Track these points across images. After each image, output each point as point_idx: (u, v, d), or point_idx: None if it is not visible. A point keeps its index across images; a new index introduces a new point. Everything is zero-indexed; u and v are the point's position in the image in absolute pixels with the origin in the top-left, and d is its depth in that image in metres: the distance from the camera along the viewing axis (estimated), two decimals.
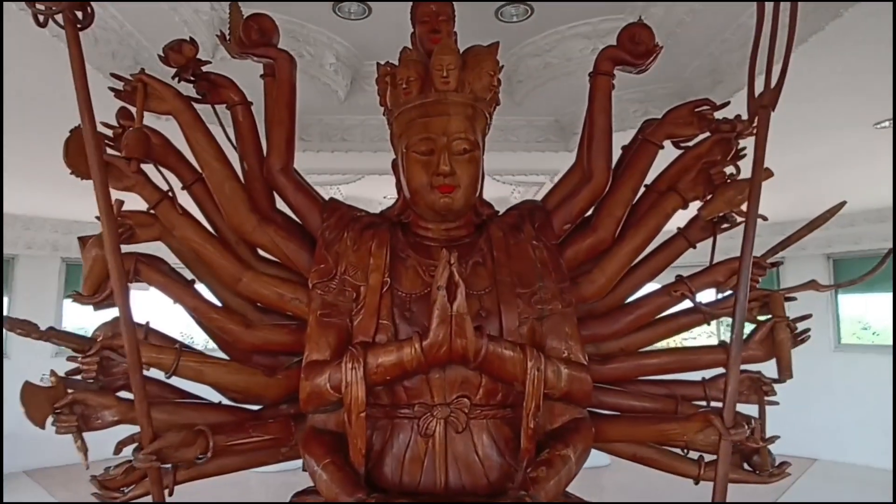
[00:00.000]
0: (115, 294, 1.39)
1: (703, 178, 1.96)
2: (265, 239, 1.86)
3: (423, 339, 1.55)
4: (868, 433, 7.57)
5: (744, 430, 1.61)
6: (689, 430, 1.67)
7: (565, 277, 1.83)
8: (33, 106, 3.54)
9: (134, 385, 1.45)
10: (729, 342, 1.65)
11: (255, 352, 1.89)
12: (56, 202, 6.66)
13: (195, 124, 1.84)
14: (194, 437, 1.54)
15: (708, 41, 2.98)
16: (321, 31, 2.99)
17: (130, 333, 1.41)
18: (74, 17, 1.39)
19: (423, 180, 1.77)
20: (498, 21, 2.96)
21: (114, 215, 1.43)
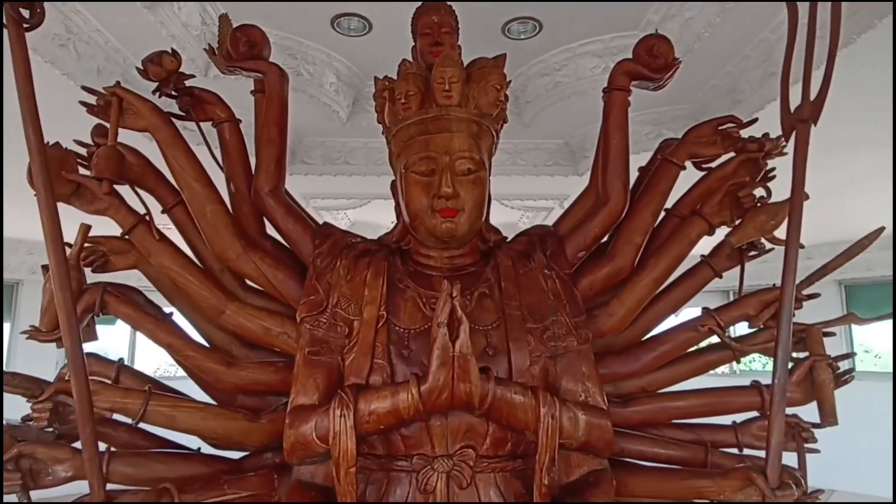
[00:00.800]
0: (62, 333, 1.19)
1: (730, 202, 1.79)
2: (250, 267, 1.68)
3: (421, 383, 1.35)
4: (886, 465, 7.25)
5: (792, 491, 1.38)
6: (726, 488, 1.45)
7: (581, 311, 1.64)
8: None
9: (83, 438, 1.25)
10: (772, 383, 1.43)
11: (239, 392, 1.70)
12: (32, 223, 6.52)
13: (175, 142, 1.67)
14: (157, 497, 1.33)
15: (726, 59, 2.81)
16: (320, 49, 2.84)
17: (80, 378, 1.20)
18: (20, 15, 1.22)
19: (424, 203, 1.60)
20: (505, 38, 2.80)
21: (61, 243, 1.24)
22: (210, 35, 2.42)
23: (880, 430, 7.42)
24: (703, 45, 2.59)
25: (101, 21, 2.39)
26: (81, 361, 1.20)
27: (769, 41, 2.51)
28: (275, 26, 2.55)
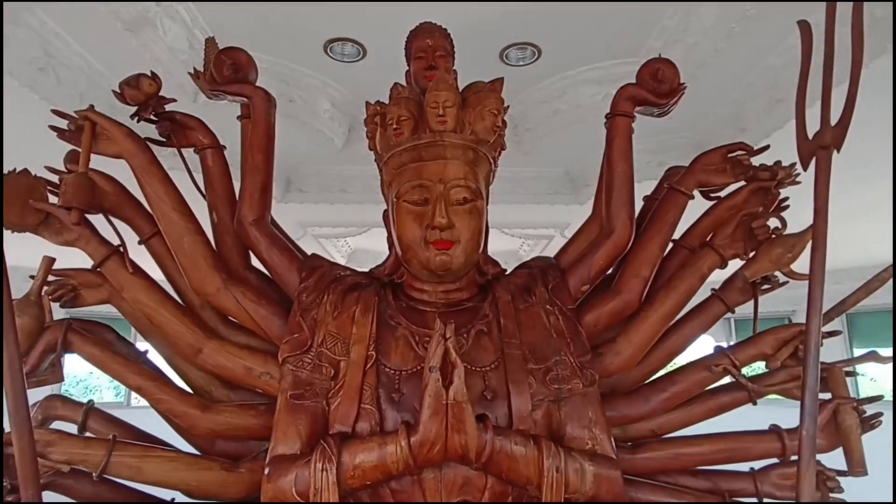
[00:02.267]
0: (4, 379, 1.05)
1: (742, 233, 1.67)
2: (230, 302, 1.56)
3: (411, 434, 1.22)
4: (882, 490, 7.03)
5: None
6: None
7: (586, 349, 1.51)
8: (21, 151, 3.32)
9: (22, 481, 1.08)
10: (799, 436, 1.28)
11: (217, 437, 1.56)
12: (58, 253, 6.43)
13: (151, 169, 1.57)
14: None
15: (731, 86, 2.72)
16: (313, 75, 2.75)
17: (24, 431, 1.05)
18: None
19: (417, 234, 1.48)
20: (503, 64, 2.71)
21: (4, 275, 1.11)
22: (198, 60, 2.33)
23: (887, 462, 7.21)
24: (706, 72, 2.49)
25: (82, 43, 2.29)
26: (25, 413, 1.06)
27: (775, 67, 2.41)
28: (267, 52, 2.46)
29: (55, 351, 1.41)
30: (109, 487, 1.48)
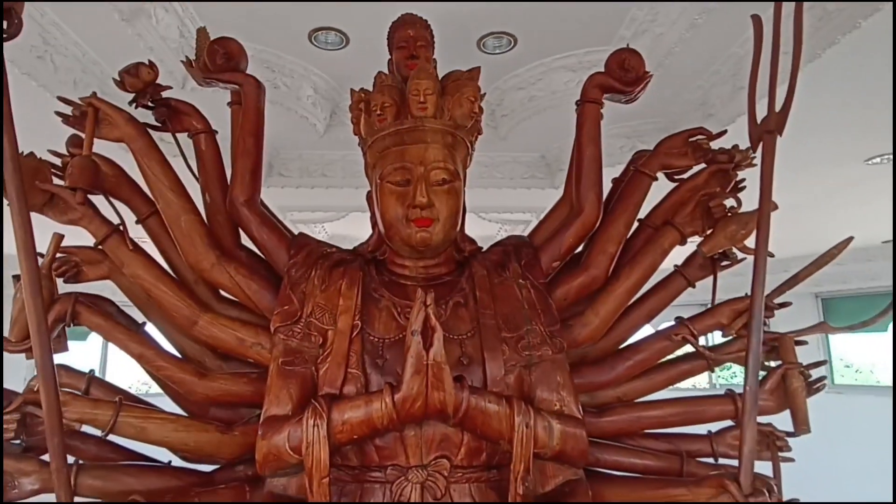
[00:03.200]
0: (32, 342, 1.18)
1: (701, 212, 1.81)
2: (224, 277, 1.68)
3: (395, 392, 1.36)
4: (870, 478, 7.34)
5: (764, 496, 1.40)
6: (699, 495, 1.46)
7: (555, 320, 1.65)
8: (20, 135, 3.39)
9: (51, 449, 1.23)
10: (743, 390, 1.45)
11: (212, 404, 1.68)
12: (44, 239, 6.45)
13: (150, 153, 1.67)
14: None
15: (697, 73, 2.88)
16: (297, 62, 2.86)
17: (50, 387, 1.19)
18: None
19: (399, 213, 1.61)
20: (480, 52, 2.84)
21: (33, 250, 1.23)
22: (188, 48, 2.43)
23: (859, 442, 7.52)
24: (673, 60, 2.65)
25: (79, 33, 2.38)
26: (51, 371, 1.19)
27: (737, 56, 2.58)
28: (253, 40, 2.56)
29: (64, 321, 1.52)
30: (112, 449, 1.61)
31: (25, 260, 1.21)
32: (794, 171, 4.15)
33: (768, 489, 1.49)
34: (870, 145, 3.71)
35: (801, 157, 3.86)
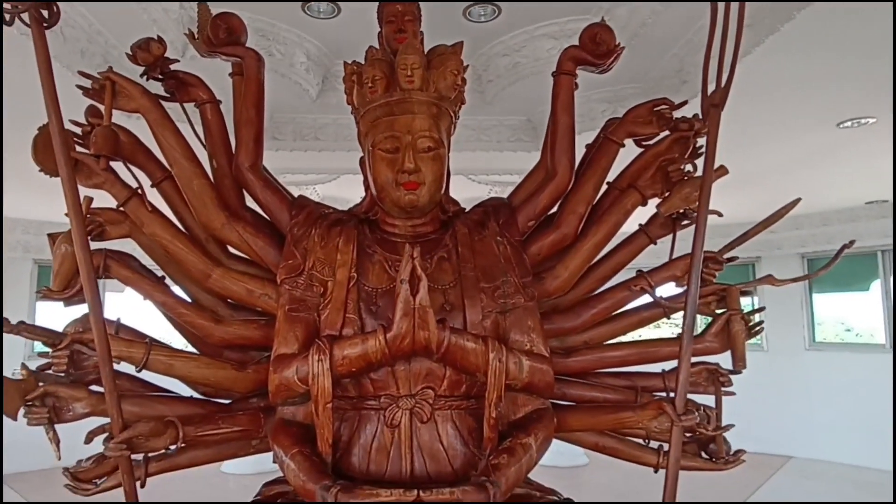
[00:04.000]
0: (84, 288, 1.44)
1: (661, 176, 2.04)
2: (234, 236, 1.91)
3: (387, 332, 1.61)
4: (841, 431, 7.78)
5: (694, 416, 1.70)
6: (644, 417, 1.76)
7: (528, 272, 1.90)
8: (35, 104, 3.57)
9: (104, 375, 1.51)
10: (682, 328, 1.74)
11: (226, 347, 1.92)
12: (27, 203, 6.64)
13: (163, 122, 1.88)
14: (164, 428, 1.60)
15: (672, 42, 3.10)
16: (291, 31, 3.05)
17: (100, 325, 1.46)
18: (40, 15, 1.44)
19: (389, 177, 1.83)
20: (466, 21, 3.03)
21: (81, 211, 1.48)
22: (187, 18, 2.61)
23: (836, 399, 7.94)
24: (648, 30, 2.86)
25: (86, 6, 2.56)
26: (100, 311, 1.45)
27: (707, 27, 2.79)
28: (249, 9, 2.75)
29: (97, 273, 1.77)
30: (141, 385, 1.88)
31: (75, 218, 1.46)
32: (770, 133, 4.40)
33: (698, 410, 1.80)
34: (841, 110, 3.95)
35: (777, 120, 4.10)
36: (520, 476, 1.67)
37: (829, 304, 9.32)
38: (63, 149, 1.43)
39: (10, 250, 7.64)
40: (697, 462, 1.95)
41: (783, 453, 8.00)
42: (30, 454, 7.19)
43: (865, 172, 5.67)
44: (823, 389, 8.17)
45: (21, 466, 7.11)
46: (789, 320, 8.75)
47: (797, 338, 8.76)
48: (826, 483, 6.86)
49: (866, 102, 3.83)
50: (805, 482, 6.92)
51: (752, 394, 8.59)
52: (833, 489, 6.62)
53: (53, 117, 1.48)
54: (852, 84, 3.51)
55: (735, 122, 4.11)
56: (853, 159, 5.15)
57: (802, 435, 8.11)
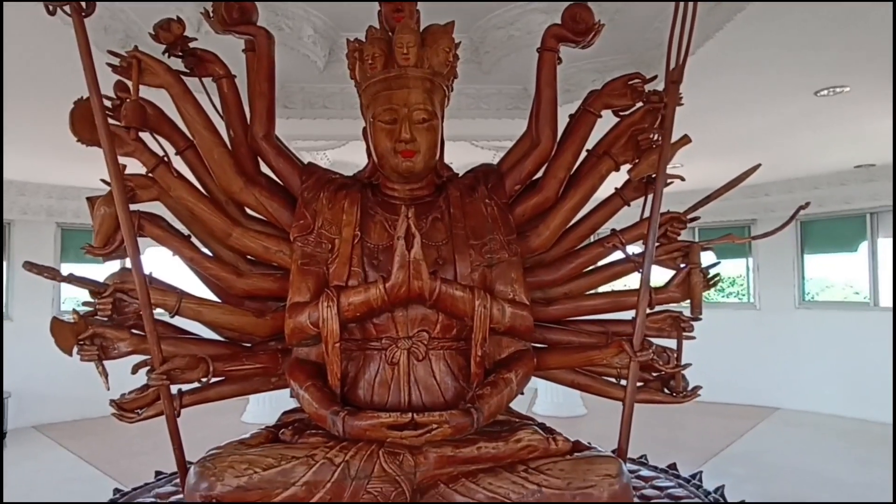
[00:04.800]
0: (126, 243, 1.66)
1: (632, 144, 2.20)
2: (251, 198, 2.11)
3: (386, 282, 1.83)
4: (826, 383, 8.03)
5: (648, 353, 1.92)
6: (608, 354, 1.98)
7: (513, 231, 2.09)
8: (31, 78, 3.73)
9: (145, 317, 1.73)
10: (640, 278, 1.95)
11: (246, 297, 2.12)
12: (51, 168, 6.83)
13: (186, 96, 2.05)
14: (197, 363, 1.83)
15: (653, 16, 3.21)
16: (298, 6, 3.18)
17: (141, 276, 1.68)
18: (80, 6, 1.62)
19: (388, 146, 2.01)
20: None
21: (122, 177, 1.68)
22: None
23: (822, 354, 8.16)
24: (631, 6, 2.97)
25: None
26: (141, 263, 1.67)
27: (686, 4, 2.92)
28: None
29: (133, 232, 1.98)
30: (173, 329, 2.11)
31: (116, 183, 1.67)
32: (753, 102, 4.52)
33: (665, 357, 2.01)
34: (818, 79, 4.08)
35: (759, 88, 4.22)
36: (501, 405, 1.90)
37: (820, 264, 9.45)
38: (104, 123, 1.62)
39: (34, 214, 7.87)
40: (660, 396, 2.15)
41: (771, 405, 8.26)
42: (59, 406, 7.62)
43: (847, 138, 5.77)
44: (810, 345, 8.38)
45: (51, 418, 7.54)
46: (781, 280, 8.92)
47: (788, 296, 8.92)
48: (807, 431, 7.13)
49: (841, 72, 3.94)
50: (788, 430, 7.18)
51: (744, 349, 8.90)
52: (813, 436, 6.89)
53: (95, 96, 1.67)
54: (827, 55, 3.62)
55: (721, 91, 4.25)
56: (832, 125, 5.25)
57: (789, 387, 8.36)
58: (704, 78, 3.83)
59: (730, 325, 8.98)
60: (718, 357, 8.47)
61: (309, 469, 1.64)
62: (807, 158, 6.82)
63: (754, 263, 9.28)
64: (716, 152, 6.04)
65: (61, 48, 2.76)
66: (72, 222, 8.20)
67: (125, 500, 2.16)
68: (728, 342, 8.80)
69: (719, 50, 3.32)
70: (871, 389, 7.48)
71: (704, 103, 4.39)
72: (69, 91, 2.02)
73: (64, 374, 7.52)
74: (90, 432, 7.09)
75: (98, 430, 7.11)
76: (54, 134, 5.22)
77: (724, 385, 8.31)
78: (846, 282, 9.44)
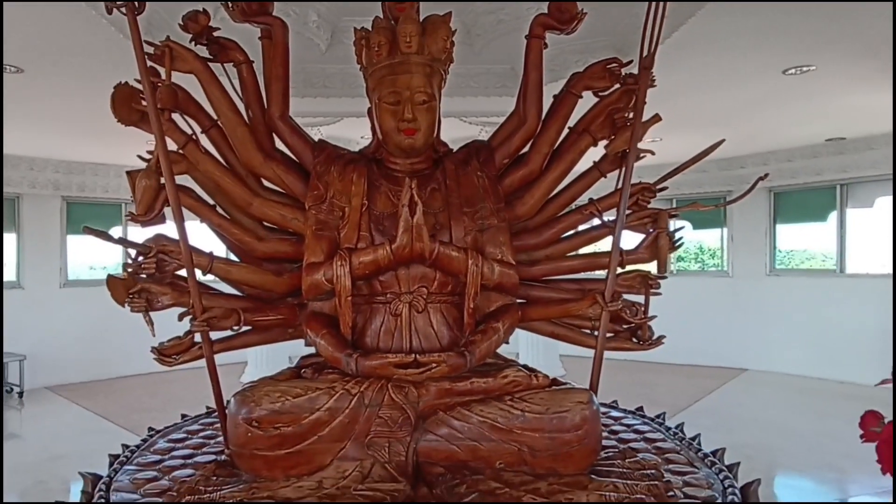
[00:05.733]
0: (172, 210, 1.89)
1: (608, 122, 2.40)
2: (269, 172, 2.32)
3: (391, 244, 2.07)
4: (792, 346, 8.41)
5: (618, 304, 2.18)
6: (583, 306, 2.24)
7: (501, 200, 2.32)
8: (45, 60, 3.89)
9: (188, 272, 1.97)
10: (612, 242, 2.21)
11: (265, 259, 2.34)
12: (58, 145, 6.97)
13: (212, 81, 2.25)
14: (230, 313, 2.07)
15: (634, 3, 3.41)
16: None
17: (184, 238, 1.91)
18: (134, 6, 1.82)
19: (392, 125, 2.22)
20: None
21: (168, 154, 1.90)
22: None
23: (789, 319, 8.52)
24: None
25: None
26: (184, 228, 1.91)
27: None
28: None
29: (166, 203, 2.19)
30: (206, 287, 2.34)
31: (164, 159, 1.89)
32: (728, 81, 4.76)
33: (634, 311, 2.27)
34: (785, 59, 4.32)
35: (731, 69, 4.45)
36: (490, 350, 2.16)
37: (792, 233, 9.76)
38: (154, 109, 1.84)
39: (41, 188, 8.02)
40: (629, 344, 2.41)
41: (740, 366, 8.65)
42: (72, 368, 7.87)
43: (815, 113, 6.02)
44: (779, 310, 8.74)
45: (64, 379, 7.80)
46: (753, 248, 9.24)
47: (759, 264, 9.25)
48: (771, 388, 7.51)
49: (807, 52, 4.17)
50: (754, 388, 7.56)
51: (717, 315, 9.25)
52: (777, 393, 7.28)
53: (147, 85, 1.88)
54: (794, 36, 3.85)
55: (696, 71, 4.47)
56: (800, 102, 5.50)
57: (757, 350, 8.74)
58: (679, 59, 4.04)
59: (704, 292, 9.35)
60: (693, 323, 8.88)
61: (331, 398, 1.90)
62: (779, 132, 7.07)
63: (729, 234, 9.59)
64: (692, 127, 6.28)
65: (75, 31, 2.92)
66: (76, 195, 8.35)
67: (160, 435, 2.42)
68: (702, 309, 9.17)
69: (692, 34, 3.54)
70: (833, 351, 7.88)
71: (681, 82, 4.61)
72: (79, 72, 2.20)
73: (73, 338, 7.86)
74: (100, 392, 7.38)
75: (107, 390, 7.41)
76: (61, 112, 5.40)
77: (697, 349, 8.72)
78: (818, 250, 9.75)
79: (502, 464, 1.91)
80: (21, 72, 4.02)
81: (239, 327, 2.11)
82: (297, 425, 1.87)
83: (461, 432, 1.93)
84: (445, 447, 1.94)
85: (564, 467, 1.91)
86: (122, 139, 6.66)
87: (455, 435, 1.94)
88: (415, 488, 1.84)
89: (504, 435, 1.92)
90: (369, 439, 1.91)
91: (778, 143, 7.96)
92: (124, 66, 2.38)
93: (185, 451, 2.25)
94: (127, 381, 7.88)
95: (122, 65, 2.29)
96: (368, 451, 1.90)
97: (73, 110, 5.26)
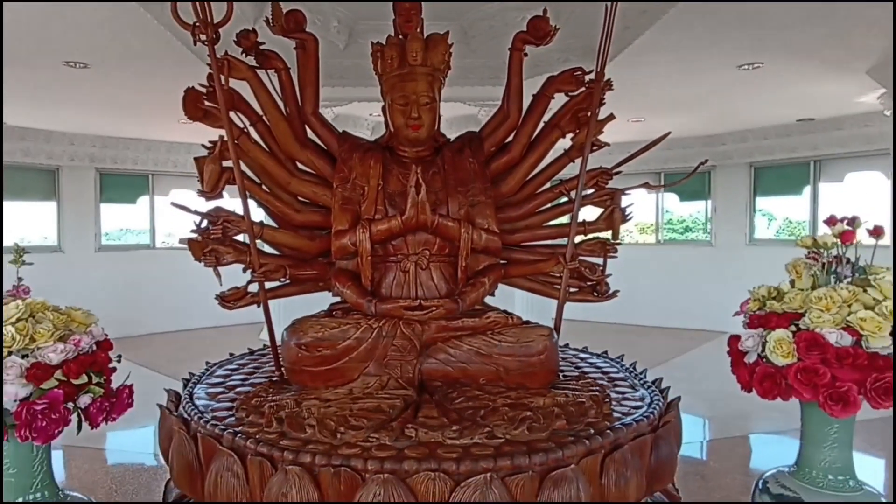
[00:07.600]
0: (238, 187, 2.47)
1: (574, 119, 2.94)
2: (304, 157, 2.86)
3: (402, 216, 2.62)
4: None
5: (576, 263, 2.76)
6: (549, 265, 2.80)
7: (488, 181, 2.86)
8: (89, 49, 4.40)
9: (250, 236, 2.54)
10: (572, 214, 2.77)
11: (300, 227, 2.88)
12: (95, 121, 7.49)
13: (261, 86, 2.77)
14: (279, 267, 2.65)
15: None
16: (327, 4, 3.85)
17: (247, 209, 2.50)
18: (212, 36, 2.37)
19: (402, 122, 2.74)
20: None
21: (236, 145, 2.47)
22: None
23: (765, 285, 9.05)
24: None
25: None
26: (247, 202, 2.49)
27: None
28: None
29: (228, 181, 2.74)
30: None
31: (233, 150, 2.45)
32: (695, 71, 5.27)
33: (591, 270, 2.84)
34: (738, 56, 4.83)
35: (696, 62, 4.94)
36: (477, 298, 2.72)
37: (769, 205, 10.27)
38: (223, 106, 2.40)
39: (78, 160, 8.57)
40: (590, 297, 2.98)
41: (718, 329, 9.21)
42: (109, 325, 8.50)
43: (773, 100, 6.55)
44: (756, 277, 9.26)
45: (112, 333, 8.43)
46: (735, 220, 9.77)
47: (740, 235, 9.77)
48: None
49: (756, 53, 4.72)
50: None
51: (699, 282, 9.81)
52: None
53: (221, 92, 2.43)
54: (744, 41, 4.36)
55: (661, 66, 4.97)
56: (757, 92, 6.08)
57: None
58: (648, 58, 4.53)
59: (689, 261, 9.89)
60: (677, 289, 9.47)
61: (357, 330, 2.48)
62: (752, 113, 7.56)
63: (713, 206, 10.10)
64: (669, 110, 6.77)
65: (111, 27, 3.39)
66: (110, 167, 8.90)
67: (217, 366, 3.03)
68: (686, 276, 9.73)
69: (655, 36, 4.03)
70: None
71: (652, 74, 5.10)
72: (135, 67, 2.63)
73: (107, 297, 8.49)
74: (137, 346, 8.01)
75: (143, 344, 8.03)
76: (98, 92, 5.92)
77: (681, 312, 9.31)
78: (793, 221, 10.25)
79: (484, 380, 2.50)
80: (86, 67, 4.53)
81: (285, 279, 2.69)
82: (333, 349, 2.46)
83: (454, 357, 2.52)
84: (442, 368, 2.52)
85: (531, 383, 2.50)
86: (154, 119, 7.19)
87: (449, 359, 2.52)
88: (419, 395, 2.44)
89: (486, 359, 2.50)
90: (386, 361, 2.50)
91: (754, 122, 8.43)
92: (169, 62, 2.87)
93: (240, 377, 2.86)
94: (155, 338, 8.50)
95: (167, 60, 2.76)
96: (385, 369, 2.49)
97: (119, 97, 5.78)
